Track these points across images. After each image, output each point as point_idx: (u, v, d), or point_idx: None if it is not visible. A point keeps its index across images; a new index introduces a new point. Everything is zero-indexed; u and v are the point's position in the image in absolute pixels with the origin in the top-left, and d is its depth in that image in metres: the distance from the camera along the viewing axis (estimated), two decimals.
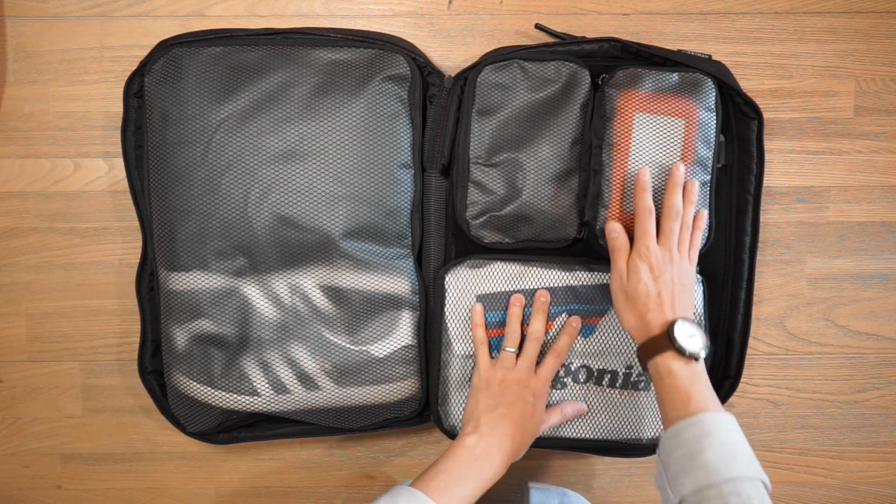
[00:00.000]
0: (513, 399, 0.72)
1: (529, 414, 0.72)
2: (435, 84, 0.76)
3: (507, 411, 0.71)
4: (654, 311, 0.67)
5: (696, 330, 0.66)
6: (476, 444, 0.69)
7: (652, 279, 0.68)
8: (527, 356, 0.74)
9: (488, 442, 0.69)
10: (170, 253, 0.74)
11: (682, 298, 0.69)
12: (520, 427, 0.71)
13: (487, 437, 0.69)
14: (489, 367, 0.74)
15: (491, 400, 0.72)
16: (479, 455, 0.68)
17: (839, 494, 0.89)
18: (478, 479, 0.67)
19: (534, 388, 0.73)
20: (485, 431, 0.70)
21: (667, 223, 0.70)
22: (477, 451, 0.68)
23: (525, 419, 0.71)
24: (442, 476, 0.66)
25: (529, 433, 0.72)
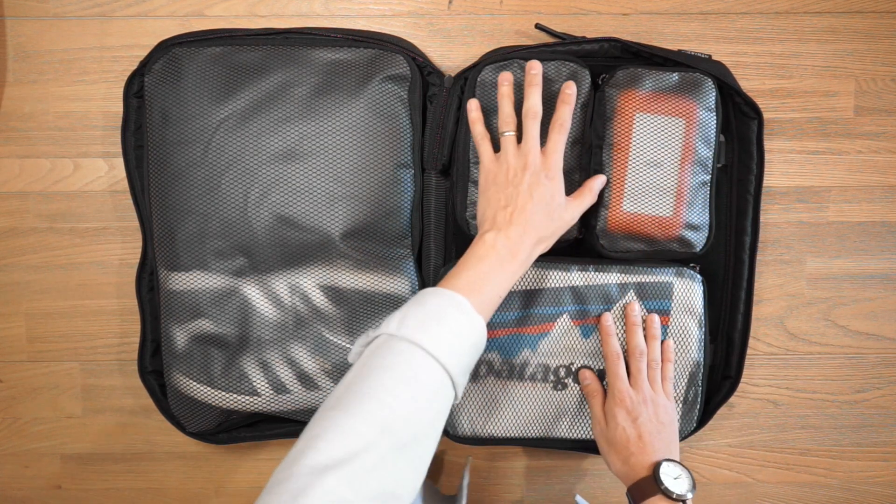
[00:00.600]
0: (526, 186, 0.66)
1: (549, 196, 0.67)
2: (435, 84, 0.76)
3: (524, 201, 0.66)
4: (637, 454, 0.68)
5: (682, 471, 0.67)
6: (496, 240, 0.65)
7: (630, 422, 0.70)
8: (529, 136, 0.68)
9: (508, 236, 0.65)
10: (170, 253, 0.74)
11: (662, 437, 0.70)
12: (541, 212, 0.66)
13: (507, 231, 0.65)
14: (493, 160, 0.69)
15: (501, 194, 0.67)
16: (502, 251, 0.64)
17: (839, 494, 0.89)
18: (505, 273, 0.64)
19: (546, 169, 0.68)
20: (503, 226, 0.65)
21: (633, 364, 0.74)
22: (499, 247, 0.64)
23: (544, 202, 0.67)
24: (468, 273, 0.63)
25: (555, 216, 0.68)
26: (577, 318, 0.76)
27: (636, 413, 0.71)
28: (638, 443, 0.69)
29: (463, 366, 0.59)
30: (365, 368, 0.55)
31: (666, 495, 0.65)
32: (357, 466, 0.49)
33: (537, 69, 0.71)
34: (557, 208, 0.68)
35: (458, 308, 0.60)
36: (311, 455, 0.49)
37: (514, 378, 0.77)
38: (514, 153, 0.69)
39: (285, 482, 0.48)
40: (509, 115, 0.70)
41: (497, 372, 0.77)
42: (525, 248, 0.66)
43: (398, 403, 0.53)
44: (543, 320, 0.76)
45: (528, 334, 0.76)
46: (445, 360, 0.57)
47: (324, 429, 0.51)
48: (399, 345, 0.56)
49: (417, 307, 0.60)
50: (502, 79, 0.71)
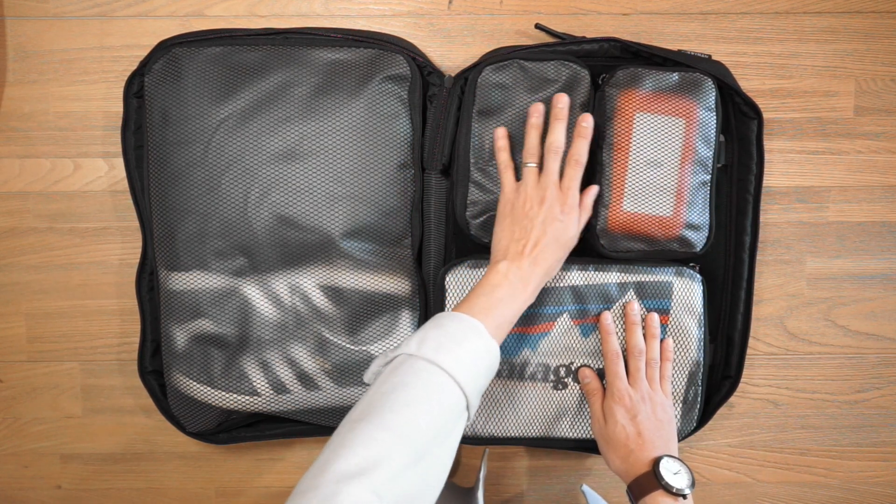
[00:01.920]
0: (540, 220, 0.69)
1: (562, 232, 0.69)
2: (435, 84, 0.76)
3: (536, 235, 0.68)
4: (636, 451, 0.69)
5: (681, 466, 0.67)
6: (509, 270, 0.67)
7: (629, 420, 0.71)
8: (549, 171, 0.70)
9: (520, 267, 0.67)
10: (170, 253, 0.74)
11: (662, 434, 0.71)
12: (552, 247, 0.69)
13: (519, 262, 0.67)
14: (514, 189, 0.71)
15: (517, 225, 0.69)
16: (514, 281, 0.66)
17: (839, 494, 0.89)
18: (516, 302, 0.66)
19: (562, 206, 0.70)
20: (515, 258, 0.68)
21: (632, 363, 0.75)
22: (511, 278, 0.66)
23: (556, 238, 0.69)
24: (483, 300, 0.65)
25: (564, 250, 0.71)
26: (577, 318, 0.76)
27: (635, 411, 0.71)
28: (637, 440, 0.69)
29: (478, 387, 0.61)
30: (386, 385, 0.57)
31: (666, 490, 0.65)
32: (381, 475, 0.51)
33: (564, 103, 0.72)
34: (568, 242, 0.71)
35: (476, 332, 0.62)
36: (336, 463, 0.50)
37: (514, 378, 0.77)
38: (534, 185, 0.70)
39: (312, 490, 0.49)
40: (535, 147, 0.72)
41: (497, 372, 0.77)
42: (535, 279, 0.68)
43: (418, 418, 0.55)
44: (543, 320, 0.76)
45: (528, 334, 0.76)
46: (463, 380, 0.58)
47: (348, 439, 0.53)
48: (418, 364, 0.58)
49: (436, 329, 0.61)
50: (533, 110, 0.72)
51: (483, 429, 0.78)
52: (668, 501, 0.65)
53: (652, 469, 0.67)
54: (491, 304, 0.65)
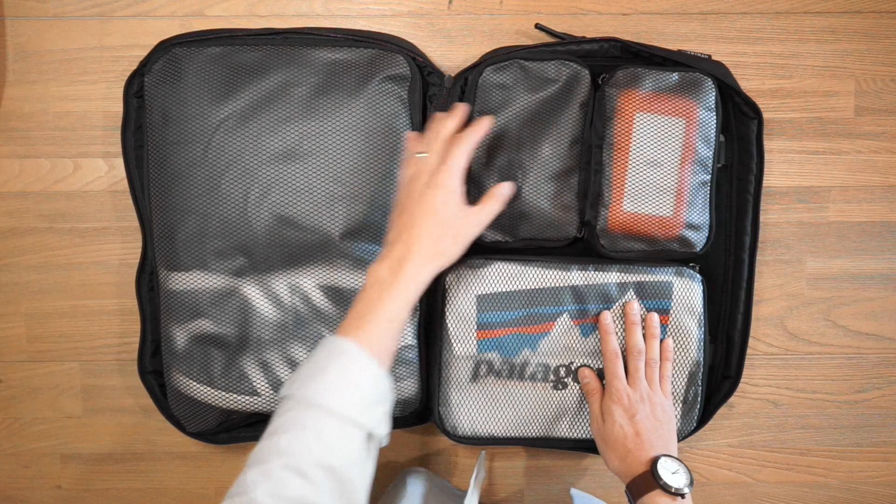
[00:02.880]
0: (415, 199, 0.65)
1: (439, 205, 0.65)
2: (435, 84, 0.76)
3: (409, 215, 0.65)
4: (634, 451, 0.69)
5: (679, 466, 0.67)
6: (380, 268, 0.63)
7: (627, 420, 0.71)
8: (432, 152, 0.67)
9: (391, 259, 0.63)
10: (170, 253, 0.74)
11: (660, 433, 0.70)
12: (427, 225, 0.64)
13: (390, 255, 0.63)
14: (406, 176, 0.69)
15: (398, 212, 0.66)
16: (386, 276, 0.63)
17: (839, 494, 0.89)
18: (390, 299, 0.62)
19: (437, 178, 0.65)
20: (386, 253, 0.64)
21: (631, 363, 0.74)
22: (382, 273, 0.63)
23: (433, 213, 0.64)
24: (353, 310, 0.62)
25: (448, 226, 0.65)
26: (576, 318, 0.76)
27: (633, 411, 0.71)
28: (635, 440, 0.69)
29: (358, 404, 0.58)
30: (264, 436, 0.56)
31: (664, 490, 0.65)
32: None
33: None
34: (451, 216, 0.66)
35: (341, 352, 0.59)
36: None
37: (514, 378, 0.77)
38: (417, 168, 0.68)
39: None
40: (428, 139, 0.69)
41: (497, 372, 0.77)
42: (410, 264, 0.63)
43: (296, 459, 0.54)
44: (543, 320, 0.76)
45: (527, 334, 0.76)
46: (333, 405, 0.56)
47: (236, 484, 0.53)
48: (288, 404, 0.57)
49: (307, 362, 0.60)
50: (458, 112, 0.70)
51: (482, 429, 0.78)
52: (667, 501, 0.65)
53: (650, 469, 0.67)
54: (359, 313, 0.62)
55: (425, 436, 0.87)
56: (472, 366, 0.77)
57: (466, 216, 0.68)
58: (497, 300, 0.76)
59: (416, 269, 0.64)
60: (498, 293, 0.76)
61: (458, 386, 0.78)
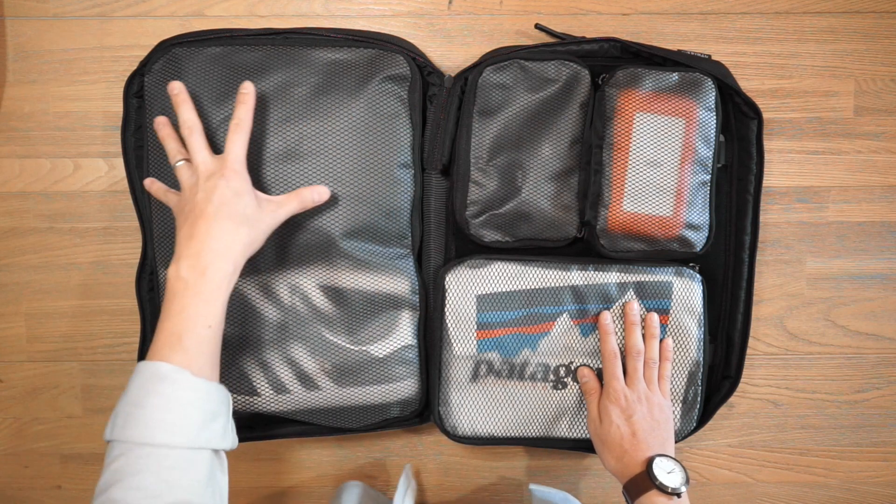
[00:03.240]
0: (201, 196, 0.62)
1: (228, 196, 0.62)
2: (435, 84, 0.76)
3: (199, 210, 0.61)
4: (630, 451, 0.69)
5: (675, 465, 0.67)
6: (179, 269, 0.59)
7: (624, 420, 0.71)
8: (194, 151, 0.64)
9: (189, 258, 0.59)
10: (170, 253, 0.74)
11: (657, 434, 0.71)
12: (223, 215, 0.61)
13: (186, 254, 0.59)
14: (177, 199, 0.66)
15: (181, 217, 0.62)
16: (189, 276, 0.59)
17: (839, 494, 0.89)
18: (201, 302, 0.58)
19: (222, 172, 0.63)
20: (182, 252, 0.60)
21: (630, 363, 0.75)
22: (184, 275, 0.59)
23: (224, 204, 0.61)
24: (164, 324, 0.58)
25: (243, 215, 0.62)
26: (576, 318, 0.76)
27: (631, 411, 0.71)
28: (632, 440, 0.69)
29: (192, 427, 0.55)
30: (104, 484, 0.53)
31: (660, 490, 0.65)
32: None
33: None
34: (244, 206, 0.63)
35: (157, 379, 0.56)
36: None
37: (514, 378, 0.77)
38: (189, 175, 0.65)
39: None
40: (173, 148, 0.67)
41: (497, 372, 0.77)
42: (211, 258, 0.59)
43: None
44: (543, 320, 0.76)
45: (527, 334, 0.76)
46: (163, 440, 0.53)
47: None
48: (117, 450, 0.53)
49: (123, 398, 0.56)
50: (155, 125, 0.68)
51: (482, 429, 0.78)
52: (663, 501, 0.65)
53: (646, 469, 0.67)
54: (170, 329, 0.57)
55: (425, 436, 0.87)
56: (472, 366, 0.77)
57: (263, 208, 0.65)
58: (497, 300, 0.76)
59: (218, 260, 0.60)
60: (498, 293, 0.76)
61: (458, 386, 0.78)
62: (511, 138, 0.75)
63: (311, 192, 0.70)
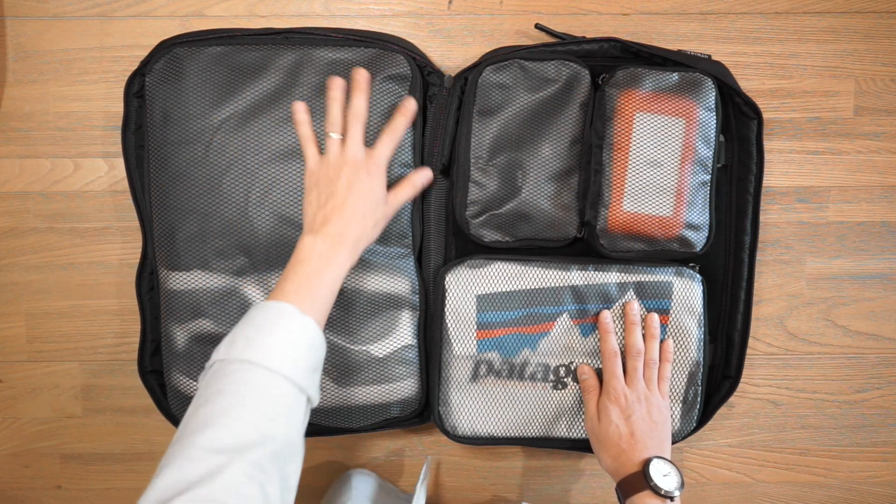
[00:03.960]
0: (344, 184, 0.66)
1: (367, 192, 0.67)
2: (435, 84, 0.76)
3: (341, 198, 0.66)
4: (627, 451, 0.69)
5: (671, 468, 0.67)
6: (315, 242, 0.64)
7: (622, 420, 0.71)
8: (352, 137, 0.68)
9: (327, 233, 0.64)
10: (170, 252, 0.74)
11: (654, 435, 0.71)
12: (359, 209, 0.66)
13: (324, 232, 0.64)
14: (317, 161, 0.69)
15: (322, 194, 0.67)
16: (323, 251, 0.63)
17: (839, 494, 0.89)
18: (329, 270, 0.63)
19: (368, 167, 0.68)
20: (319, 228, 0.65)
21: (630, 363, 0.75)
22: (318, 247, 0.63)
23: (363, 199, 0.66)
24: (290, 280, 0.62)
25: (374, 211, 0.68)
26: (576, 318, 0.76)
27: (630, 411, 0.71)
28: (629, 440, 0.70)
29: (302, 368, 0.58)
30: (202, 398, 0.55)
31: (654, 492, 0.65)
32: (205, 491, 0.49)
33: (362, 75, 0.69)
34: (376, 203, 0.68)
35: (284, 315, 0.59)
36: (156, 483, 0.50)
37: (514, 377, 0.77)
38: (338, 154, 0.68)
39: None
40: (336, 115, 0.69)
41: (497, 372, 0.77)
42: (347, 242, 0.65)
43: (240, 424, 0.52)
44: (543, 320, 0.76)
45: (527, 333, 0.76)
46: (279, 367, 0.56)
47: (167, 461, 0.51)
48: (231, 366, 0.56)
49: (245, 325, 0.59)
50: (330, 83, 0.69)
51: (482, 429, 0.78)
52: (656, 503, 0.65)
53: (642, 470, 0.67)
54: (299, 282, 0.62)
55: (425, 436, 0.87)
56: (472, 366, 0.77)
57: (386, 203, 0.70)
58: (497, 300, 0.76)
59: (351, 247, 0.65)
60: (498, 293, 0.76)
61: (458, 386, 0.78)
62: (511, 138, 0.75)
63: (419, 176, 0.73)
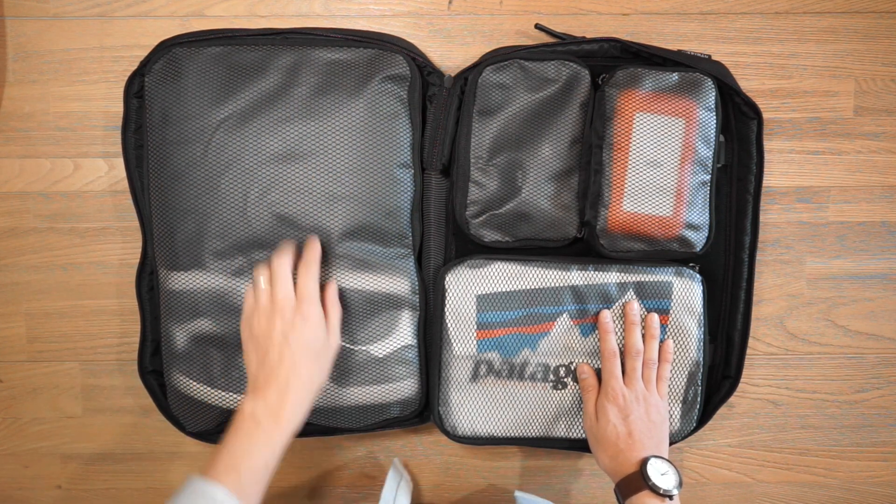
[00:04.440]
0: (279, 337, 0.64)
1: (308, 340, 0.65)
2: (435, 84, 0.76)
3: (277, 355, 0.63)
4: (625, 451, 0.69)
5: (669, 467, 0.67)
6: (255, 410, 0.62)
7: (621, 420, 0.71)
8: (278, 279, 0.66)
9: (267, 404, 0.62)
10: (169, 252, 0.74)
11: (653, 435, 0.71)
12: (302, 363, 0.64)
13: (264, 399, 0.62)
14: (250, 307, 0.67)
15: (259, 349, 0.65)
16: (263, 421, 0.61)
17: (839, 494, 0.89)
18: (268, 443, 0.61)
19: (299, 310, 0.65)
20: (261, 393, 0.63)
21: (629, 363, 0.75)
22: (259, 417, 0.61)
23: (304, 349, 0.64)
24: (225, 453, 0.60)
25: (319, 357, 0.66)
26: (576, 318, 0.76)
27: (628, 411, 0.71)
28: (627, 440, 0.70)
29: None
30: None
31: (653, 491, 0.65)
32: None
33: None
34: (317, 343, 0.66)
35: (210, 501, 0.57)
36: None
37: (513, 378, 0.77)
38: (266, 299, 0.66)
39: None
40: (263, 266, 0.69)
41: (497, 372, 0.77)
42: (288, 409, 0.62)
43: None
44: (543, 320, 0.76)
45: (527, 334, 0.76)
46: None
47: None
48: None
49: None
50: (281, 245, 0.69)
51: (482, 429, 0.78)
52: (655, 502, 0.65)
53: (640, 469, 0.67)
54: (235, 458, 0.59)
55: (425, 436, 0.87)
56: (472, 366, 0.77)
57: (328, 336, 0.68)
58: (497, 300, 0.76)
59: (295, 411, 0.63)
60: (498, 293, 0.76)
61: (458, 386, 0.78)
62: (511, 138, 0.75)
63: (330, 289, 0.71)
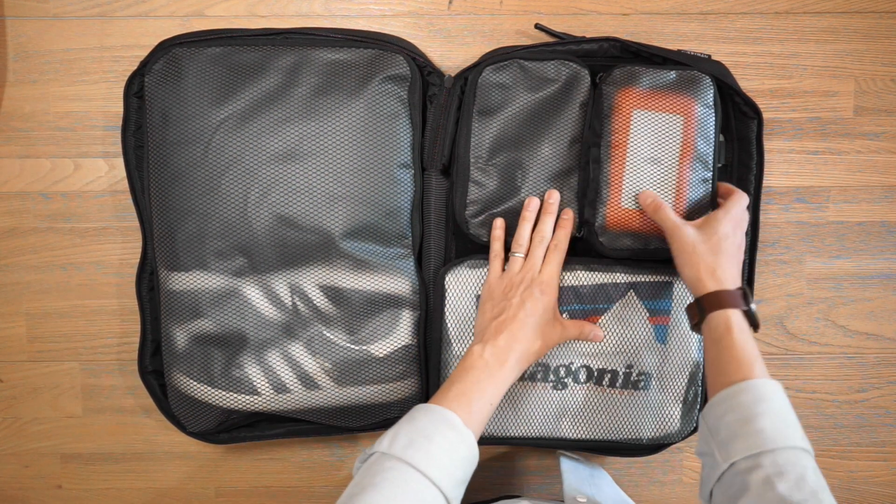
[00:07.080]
0: (518, 300, 0.70)
1: (539, 310, 0.70)
2: (435, 84, 0.77)
3: (513, 312, 0.69)
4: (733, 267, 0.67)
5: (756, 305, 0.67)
6: (484, 352, 0.67)
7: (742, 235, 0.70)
8: (532, 256, 0.72)
9: (496, 345, 0.67)
10: (170, 253, 0.74)
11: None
12: (530, 324, 0.69)
13: (494, 343, 0.67)
14: (497, 276, 0.73)
15: (496, 307, 0.71)
16: (491, 361, 0.66)
17: (839, 494, 0.89)
18: (494, 383, 0.66)
19: (540, 285, 0.71)
20: (491, 338, 0.68)
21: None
22: (487, 357, 0.66)
23: (535, 315, 0.70)
24: (457, 386, 0.64)
25: (543, 330, 0.70)
26: (576, 318, 0.76)
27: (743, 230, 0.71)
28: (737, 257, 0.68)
29: (454, 480, 0.59)
30: (357, 487, 0.56)
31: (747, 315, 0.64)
32: None
33: (555, 199, 0.75)
34: (545, 324, 0.71)
35: (448, 424, 0.61)
36: None
37: None
38: (517, 272, 0.72)
39: None
40: (524, 235, 0.73)
41: None
42: (513, 356, 0.67)
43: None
44: None
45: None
46: (435, 476, 0.57)
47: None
48: (389, 462, 0.57)
49: (408, 424, 0.61)
50: (528, 203, 0.74)
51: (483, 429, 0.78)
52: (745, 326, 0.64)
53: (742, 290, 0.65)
54: (465, 389, 0.64)
55: None
56: None
57: (554, 326, 0.72)
58: None
59: (517, 362, 0.68)
60: None
61: None
62: (511, 138, 0.75)
63: (592, 329, 0.75)
